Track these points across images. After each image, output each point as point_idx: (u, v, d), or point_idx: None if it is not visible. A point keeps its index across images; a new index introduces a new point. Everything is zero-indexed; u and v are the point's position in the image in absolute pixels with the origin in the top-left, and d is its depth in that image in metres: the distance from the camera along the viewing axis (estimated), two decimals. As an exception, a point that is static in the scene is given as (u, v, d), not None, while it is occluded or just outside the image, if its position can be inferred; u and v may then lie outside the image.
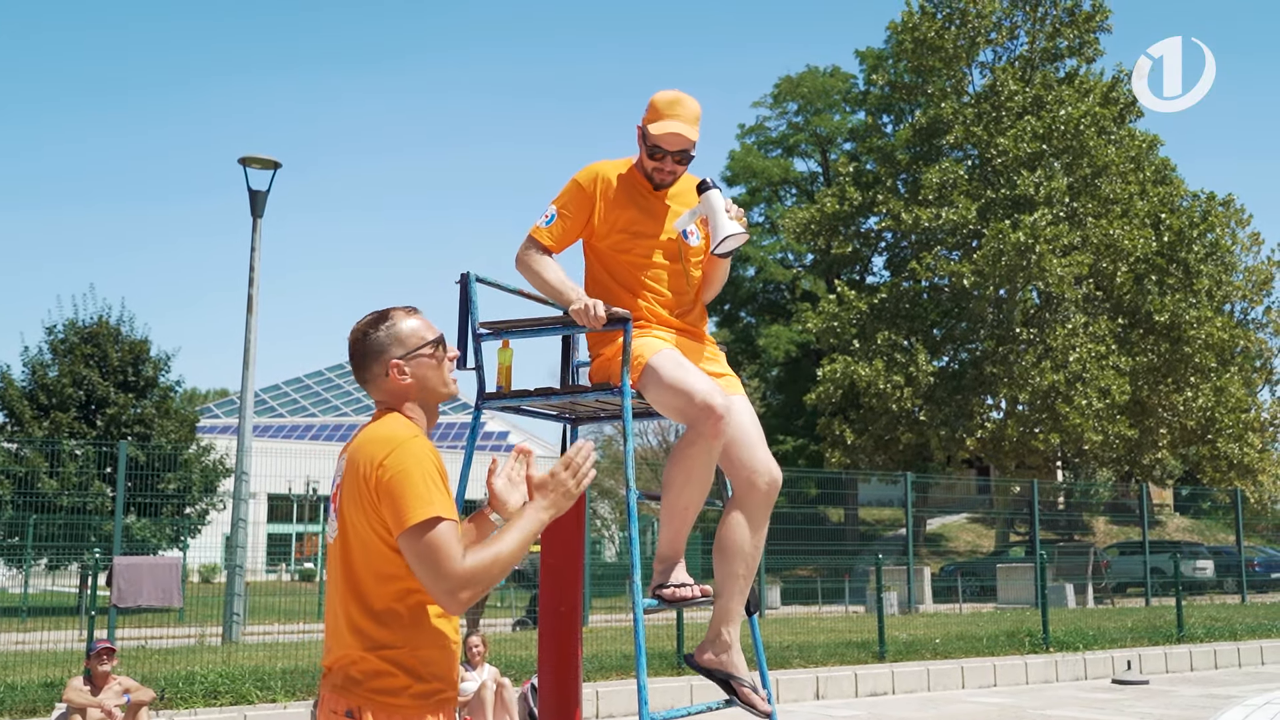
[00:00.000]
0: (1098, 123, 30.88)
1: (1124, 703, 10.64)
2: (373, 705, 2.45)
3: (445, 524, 2.41)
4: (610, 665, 10.47)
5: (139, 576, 10.89)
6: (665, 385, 3.76)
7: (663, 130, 3.93)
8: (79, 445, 21.38)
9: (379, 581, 2.49)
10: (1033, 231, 28.29)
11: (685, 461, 3.78)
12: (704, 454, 3.75)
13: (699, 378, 3.76)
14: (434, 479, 2.45)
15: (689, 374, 3.77)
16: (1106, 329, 30.13)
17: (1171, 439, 31.58)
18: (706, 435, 3.70)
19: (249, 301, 14.93)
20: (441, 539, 2.39)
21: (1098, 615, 17.91)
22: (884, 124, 38.61)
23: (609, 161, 4.16)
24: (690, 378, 3.75)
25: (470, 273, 4.16)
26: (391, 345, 2.62)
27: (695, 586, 3.95)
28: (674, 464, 3.82)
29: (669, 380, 3.76)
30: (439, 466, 2.49)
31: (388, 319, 2.66)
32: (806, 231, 34.34)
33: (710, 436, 3.71)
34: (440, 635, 2.54)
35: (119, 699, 7.50)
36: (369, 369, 2.63)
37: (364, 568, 2.50)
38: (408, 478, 2.43)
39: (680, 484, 3.81)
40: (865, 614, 19.71)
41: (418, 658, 2.49)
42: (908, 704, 10.65)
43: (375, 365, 2.62)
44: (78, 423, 23.12)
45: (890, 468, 31.88)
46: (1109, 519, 37.27)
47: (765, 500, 3.96)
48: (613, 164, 4.14)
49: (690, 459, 3.76)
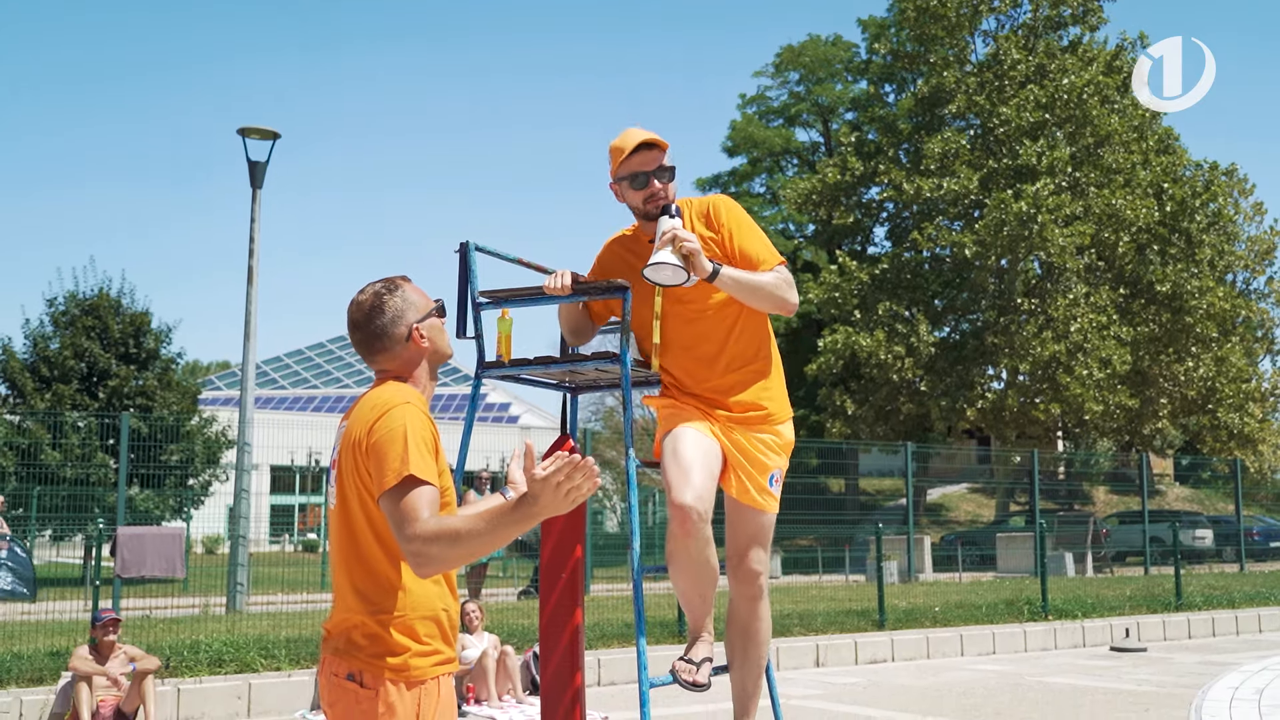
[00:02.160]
0: (1101, 91, 30.72)
1: (1122, 670, 10.71)
2: (373, 670, 2.47)
3: (423, 488, 2.40)
4: (612, 634, 10.54)
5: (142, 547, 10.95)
6: (663, 467, 3.80)
7: (624, 153, 3.83)
8: (81, 417, 21.44)
9: (379, 546, 2.51)
10: (1035, 201, 28.20)
11: (668, 549, 3.82)
12: (680, 551, 3.77)
13: (684, 471, 3.70)
14: (421, 444, 2.45)
15: (676, 463, 3.74)
16: (1108, 299, 30.10)
17: (1172, 409, 31.62)
18: (675, 533, 3.74)
19: (249, 273, 14.93)
20: (414, 501, 2.38)
21: (1097, 584, 17.99)
22: (886, 93, 38.42)
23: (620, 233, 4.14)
24: (674, 469, 3.73)
25: (470, 242, 4.16)
26: (408, 310, 2.65)
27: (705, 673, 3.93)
28: (666, 549, 3.86)
29: (664, 463, 3.80)
30: (431, 433, 2.51)
31: (398, 286, 2.67)
32: (808, 202, 34.24)
33: (679, 535, 3.72)
34: (440, 601, 2.56)
35: (125, 667, 7.56)
36: (387, 335, 2.62)
37: (364, 533, 2.52)
38: (394, 441, 2.44)
39: (671, 571, 3.87)
40: (865, 583, 19.80)
41: (418, 623, 2.51)
42: (907, 671, 10.72)
43: (395, 330, 2.62)
44: (80, 395, 23.17)
45: (891, 438, 31.92)
46: (1109, 489, 37.36)
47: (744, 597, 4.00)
48: (621, 234, 4.13)
49: (670, 553, 3.81)
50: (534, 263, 4.48)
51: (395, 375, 2.65)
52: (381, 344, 2.63)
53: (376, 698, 2.45)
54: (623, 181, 3.89)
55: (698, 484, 3.69)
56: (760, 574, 3.99)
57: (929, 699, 8.96)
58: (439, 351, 2.69)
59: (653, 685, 3.84)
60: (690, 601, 3.94)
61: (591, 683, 9.30)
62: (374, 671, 2.47)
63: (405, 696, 2.46)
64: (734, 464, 3.91)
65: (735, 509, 3.99)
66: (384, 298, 2.64)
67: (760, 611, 4.02)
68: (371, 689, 2.46)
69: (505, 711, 8.36)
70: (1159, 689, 9.37)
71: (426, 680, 2.50)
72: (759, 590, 4.00)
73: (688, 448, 3.76)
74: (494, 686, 8.59)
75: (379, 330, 2.63)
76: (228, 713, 8.13)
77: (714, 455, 3.82)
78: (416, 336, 2.64)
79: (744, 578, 3.99)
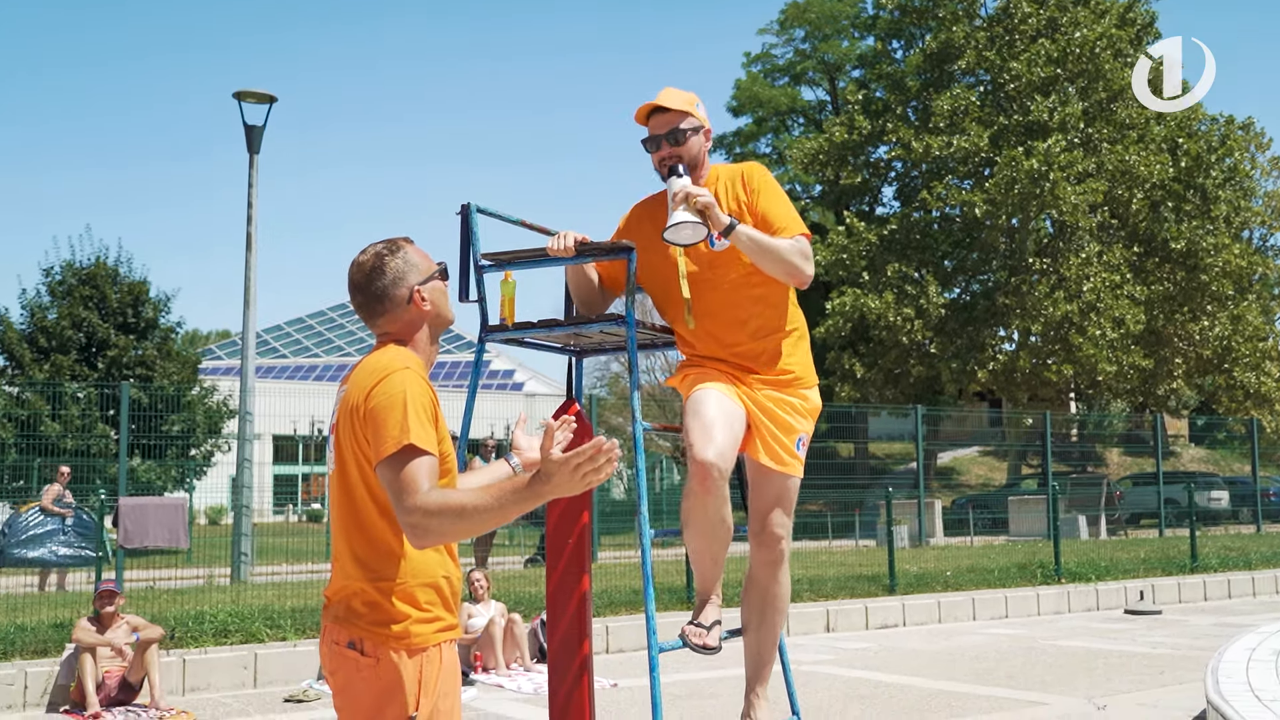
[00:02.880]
0: (1114, 45, 30.44)
1: (1136, 633, 10.74)
2: (374, 637, 2.48)
3: (422, 457, 2.40)
4: (619, 601, 10.59)
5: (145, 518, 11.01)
6: (684, 425, 3.81)
7: (643, 114, 3.91)
8: (81, 388, 21.49)
9: (379, 513, 2.51)
10: (1046, 159, 28.01)
11: (683, 508, 3.83)
12: (698, 508, 3.76)
13: (706, 428, 3.71)
14: (420, 411, 2.44)
15: (699, 420, 3.74)
16: (1121, 257, 29.96)
17: (1187, 369, 31.53)
18: (694, 489, 3.73)
19: (248, 240, 14.90)
20: (412, 471, 2.38)
21: (1111, 546, 18.03)
22: (894, 50, 38.07)
23: (647, 197, 4.15)
24: (696, 427, 3.73)
25: (471, 204, 4.13)
26: (410, 272, 2.64)
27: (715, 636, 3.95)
28: (682, 509, 3.87)
29: (685, 422, 3.80)
30: (431, 399, 2.50)
31: (399, 248, 2.66)
32: (814, 162, 34.05)
33: (698, 492, 3.72)
34: (441, 568, 2.56)
35: (128, 637, 7.62)
36: (388, 297, 2.61)
37: (364, 499, 2.52)
38: (393, 408, 2.43)
39: (685, 531, 3.87)
40: (876, 548, 19.86)
41: (418, 590, 2.51)
42: (918, 636, 10.77)
43: (397, 292, 2.61)
44: (79, 365, 23.23)
45: (901, 401, 31.90)
46: (1122, 450, 37.37)
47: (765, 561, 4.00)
48: (648, 197, 4.14)
49: (686, 508, 3.81)
50: (537, 224, 4.45)
51: (396, 339, 2.64)
52: (382, 306, 2.62)
53: (378, 665, 2.46)
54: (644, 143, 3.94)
55: (720, 441, 3.69)
56: (783, 538, 3.98)
57: (941, 663, 9.00)
58: (441, 315, 2.68)
59: (662, 650, 3.84)
60: (701, 562, 3.94)
61: (599, 650, 9.36)
62: (375, 639, 2.47)
63: (407, 664, 2.46)
64: (760, 426, 3.91)
65: (759, 473, 3.97)
66: (385, 259, 2.63)
67: (780, 576, 4.01)
68: (372, 657, 2.46)
69: (513, 679, 8.41)
70: (1174, 651, 9.41)
71: (428, 647, 2.50)
72: (780, 555, 3.99)
73: (710, 406, 3.76)
74: (501, 655, 8.65)
75: (379, 292, 2.62)
76: (233, 683, 8.19)
77: (738, 418, 3.82)
78: (418, 299, 2.62)
79: (766, 542, 3.97)
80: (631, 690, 7.86)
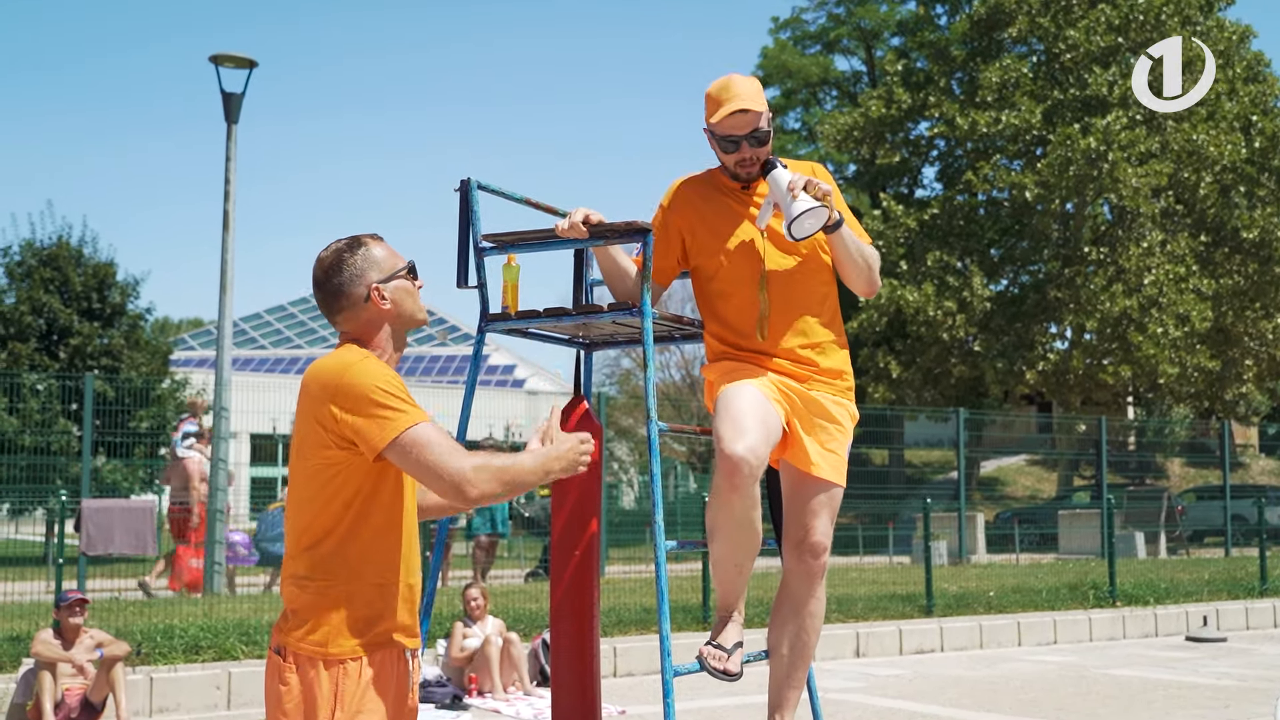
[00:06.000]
0: (1181, 11, 30.33)
1: (1198, 662, 10.72)
2: (294, 644, 2.64)
3: (421, 425, 2.61)
4: (629, 619, 10.60)
5: (110, 522, 11.04)
6: (714, 421, 3.83)
7: (724, 115, 3.90)
8: (41, 379, 21.56)
9: (323, 510, 2.66)
10: (1105, 137, 27.95)
11: (709, 511, 3.84)
12: (724, 509, 3.77)
13: (737, 422, 3.72)
14: (394, 392, 2.64)
15: (729, 413, 3.76)
16: (1187, 247, 29.87)
17: (1258, 371, 31.44)
18: (721, 487, 3.74)
19: (225, 218, 14.93)
20: (425, 436, 2.60)
21: (1171, 566, 17.99)
22: (937, 15, 37.97)
23: (691, 175, 4.18)
24: (726, 421, 3.74)
25: (471, 179, 4.14)
26: (369, 270, 2.81)
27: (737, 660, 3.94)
28: (707, 512, 3.89)
29: (715, 417, 3.82)
30: (397, 380, 2.70)
31: (361, 244, 2.85)
32: (848, 139, 34.03)
33: (725, 490, 3.72)
34: (384, 573, 2.68)
35: (91, 654, 7.64)
36: (345, 295, 2.79)
37: (305, 494, 2.69)
38: (370, 400, 2.62)
39: (710, 536, 3.88)
40: (911, 565, 19.85)
41: (357, 593, 2.64)
42: (957, 662, 10.76)
43: (354, 290, 2.79)
44: (39, 354, 23.31)
45: (941, 404, 31.88)
46: (1185, 461, 37.28)
47: (804, 573, 3.98)
48: (694, 175, 4.17)
49: (712, 510, 3.82)
50: (544, 203, 4.45)
51: (354, 338, 2.82)
52: (339, 303, 2.81)
53: (295, 674, 2.61)
54: (716, 134, 3.97)
55: (751, 437, 3.69)
56: (826, 549, 3.97)
57: (982, 692, 8.99)
58: (403, 315, 2.84)
59: (677, 674, 3.84)
60: (725, 571, 3.92)
61: (607, 673, 9.37)
62: (295, 646, 2.63)
63: (323, 676, 2.59)
64: (810, 429, 3.92)
65: (802, 482, 3.96)
66: (344, 255, 2.82)
67: (819, 593, 3.99)
68: (290, 665, 2.62)
69: (512, 704, 8.43)
70: (1240, 683, 9.38)
71: (346, 660, 2.61)
72: (821, 568, 3.97)
73: (743, 401, 3.78)
74: (498, 677, 8.66)
75: (337, 289, 2.80)
76: (205, 703, 8.23)
77: (773, 417, 3.82)
78: (376, 297, 2.79)
79: (809, 551, 3.94)
80: (642, 718, 7.87)
